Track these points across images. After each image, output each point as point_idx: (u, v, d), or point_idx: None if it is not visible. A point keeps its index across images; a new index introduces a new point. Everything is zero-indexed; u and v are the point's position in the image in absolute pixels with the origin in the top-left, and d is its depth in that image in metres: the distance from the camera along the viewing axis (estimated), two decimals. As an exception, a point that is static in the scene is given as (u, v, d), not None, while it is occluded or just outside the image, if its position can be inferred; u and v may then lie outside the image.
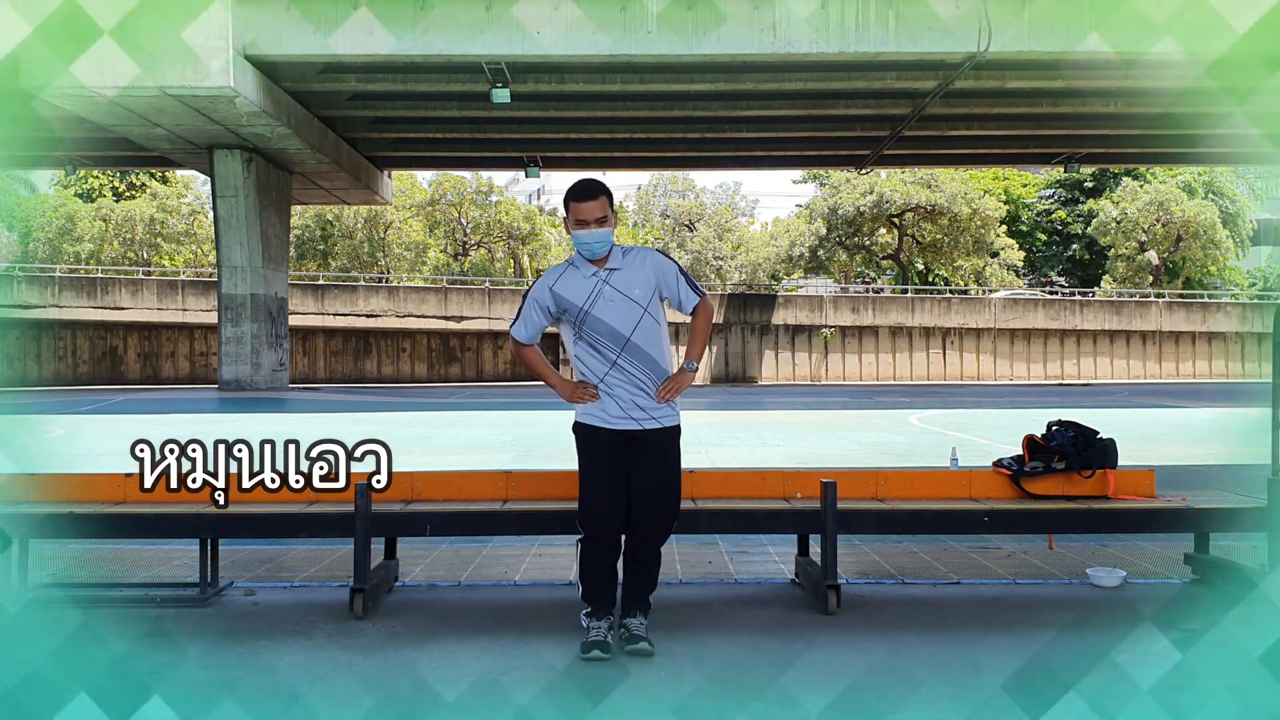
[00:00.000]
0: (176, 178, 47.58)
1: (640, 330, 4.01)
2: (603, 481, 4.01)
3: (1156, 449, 12.06)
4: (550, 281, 4.09)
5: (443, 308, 39.04)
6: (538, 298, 4.10)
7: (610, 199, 4.06)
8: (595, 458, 4.04)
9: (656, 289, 4.08)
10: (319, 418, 18.42)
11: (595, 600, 4.04)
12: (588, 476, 4.06)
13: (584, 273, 4.05)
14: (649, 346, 4.04)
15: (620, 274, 4.04)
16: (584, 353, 4.06)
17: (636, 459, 4.03)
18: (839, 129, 29.13)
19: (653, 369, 4.04)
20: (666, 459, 4.08)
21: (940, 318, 41.14)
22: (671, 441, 4.10)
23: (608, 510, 4.01)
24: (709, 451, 11.86)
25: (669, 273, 4.12)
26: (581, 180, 4.08)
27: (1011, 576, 5.26)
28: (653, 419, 4.04)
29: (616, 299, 4.00)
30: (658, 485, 4.04)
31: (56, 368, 37.07)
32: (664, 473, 4.06)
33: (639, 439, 4.03)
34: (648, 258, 4.12)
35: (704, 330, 4.23)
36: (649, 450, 4.03)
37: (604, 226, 3.99)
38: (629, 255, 4.09)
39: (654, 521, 4.05)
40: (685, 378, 4.10)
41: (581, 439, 4.09)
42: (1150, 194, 45.70)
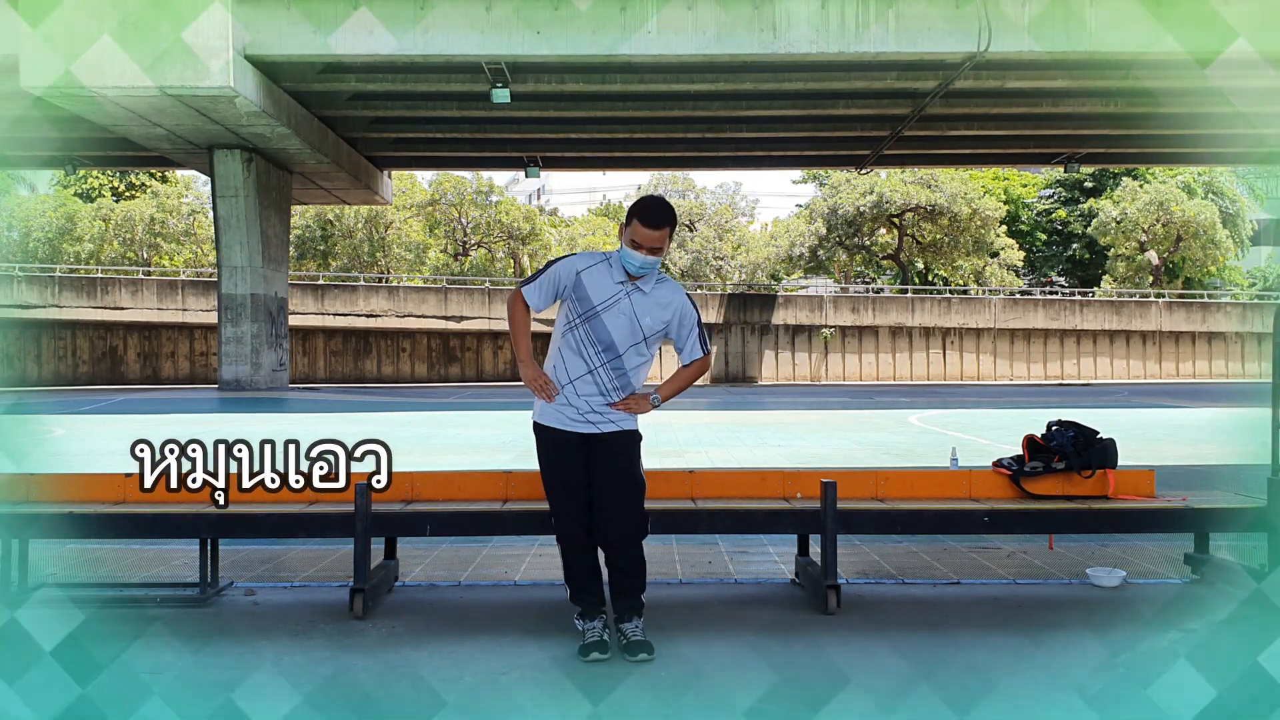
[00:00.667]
0: (176, 178, 47.58)
1: (631, 352, 4.04)
2: (563, 482, 4.04)
3: (1156, 449, 12.06)
4: (581, 266, 4.06)
5: (443, 308, 39.05)
6: (563, 273, 4.06)
7: (673, 230, 4.03)
8: (554, 459, 4.06)
9: (666, 328, 4.10)
10: (319, 418, 18.42)
11: (582, 600, 4.07)
12: (549, 477, 4.08)
13: (614, 276, 4.03)
14: (631, 368, 4.06)
15: (644, 298, 4.03)
16: (569, 347, 4.06)
17: (596, 462, 4.03)
18: (839, 129, 29.14)
19: (624, 387, 4.06)
20: (626, 460, 4.07)
21: (940, 318, 41.15)
22: (631, 444, 4.10)
23: (572, 510, 4.03)
24: (709, 451, 11.85)
25: (688, 321, 4.13)
26: (654, 201, 4.01)
27: (1011, 576, 5.26)
28: (610, 422, 4.05)
29: (628, 317, 4.00)
30: (618, 487, 4.03)
31: (56, 368, 37.07)
32: (623, 474, 4.05)
33: (597, 441, 4.04)
34: (675, 297, 4.11)
35: (688, 381, 4.25)
36: (608, 452, 4.04)
37: (655, 256, 3.99)
38: (661, 285, 4.09)
39: (619, 524, 4.02)
40: (644, 404, 4.09)
41: (541, 439, 4.11)
42: (1150, 194, 45.71)
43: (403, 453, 4.85)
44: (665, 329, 4.10)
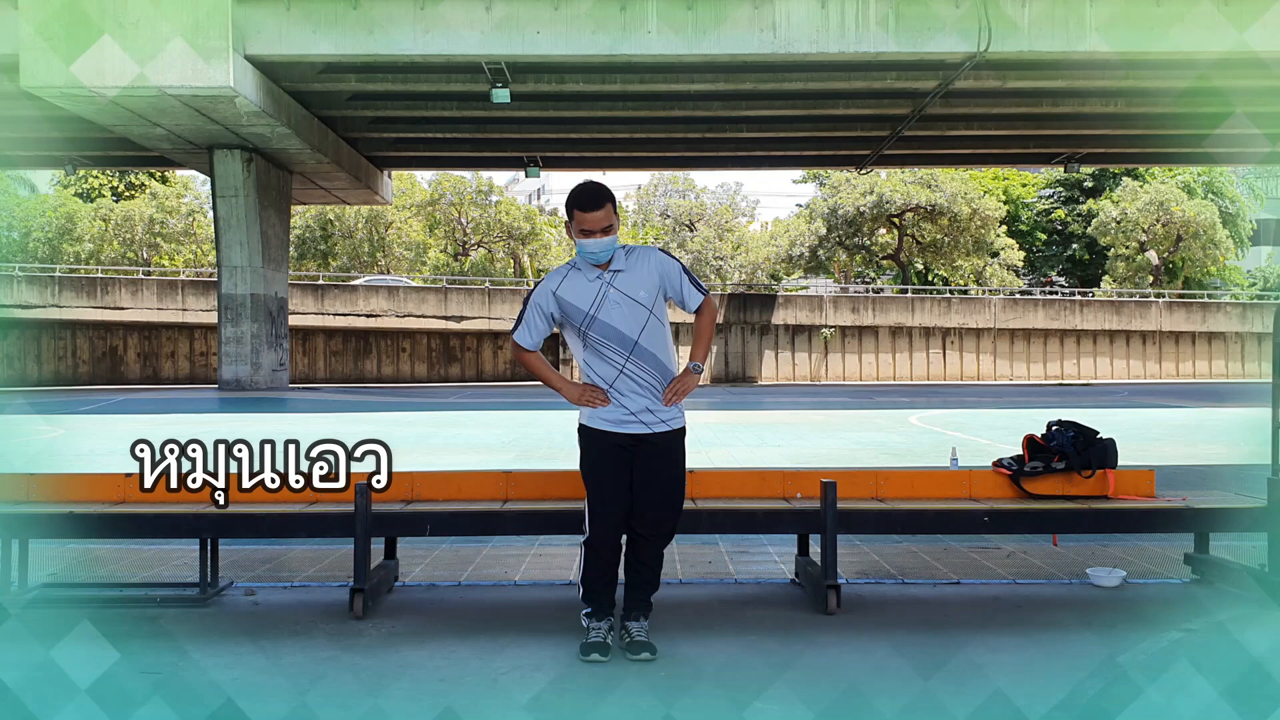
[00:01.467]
0: (176, 178, 47.58)
1: (647, 332, 3.98)
2: (609, 486, 3.98)
3: (1156, 449, 12.06)
4: (553, 286, 4.02)
5: (443, 308, 39.04)
6: (540, 302, 4.03)
7: (614, 204, 3.99)
8: (601, 462, 4.00)
9: (660, 289, 4.03)
10: (319, 417, 18.42)
11: (596, 602, 4.03)
12: (594, 481, 4.01)
13: (587, 276, 3.99)
14: (655, 349, 4.01)
15: (624, 276, 3.99)
16: (592, 358, 4.01)
17: (642, 461, 4.00)
18: (839, 129, 29.14)
19: (660, 371, 4.02)
20: (673, 461, 4.06)
21: (940, 318, 41.14)
22: (678, 443, 4.08)
23: (615, 515, 3.98)
24: (709, 451, 11.86)
25: (673, 271, 4.07)
26: (585, 186, 3.98)
27: (1011, 576, 5.26)
28: (661, 422, 4.01)
29: (622, 302, 3.95)
30: (663, 487, 4.02)
31: (56, 368, 37.07)
32: (670, 474, 4.04)
33: (646, 441, 4.01)
34: (650, 256, 4.06)
35: (708, 330, 4.18)
36: (656, 453, 4.01)
37: (609, 235, 3.93)
38: (632, 255, 4.03)
39: (658, 523, 4.03)
40: (691, 379, 4.06)
41: (589, 442, 4.05)
42: (1150, 194, 45.70)
43: (403, 453, 4.86)
44: (660, 289, 4.04)
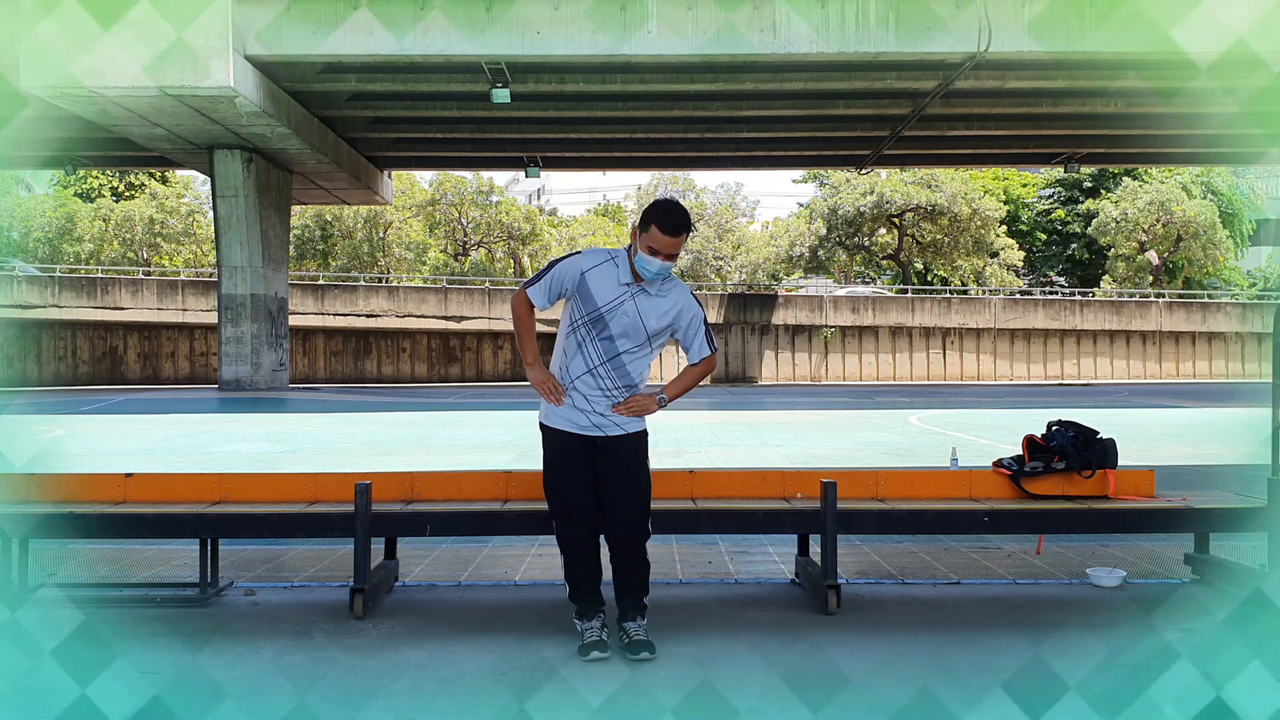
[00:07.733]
0: (176, 178, 47.58)
1: (634, 354, 4.03)
2: (564, 484, 4.04)
3: (1156, 449, 12.06)
4: (586, 266, 4.01)
5: (443, 308, 39.03)
6: (568, 273, 4.01)
7: (687, 236, 4.02)
8: (559, 460, 4.05)
9: (671, 327, 4.07)
10: (319, 418, 18.42)
11: (581, 599, 4.07)
12: (554, 477, 4.07)
13: (620, 278, 3.99)
14: (633, 368, 4.05)
15: (648, 299, 4.01)
16: (572, 346, 4.04)
17: (601, 466, 4.03)
18: (839, 129, 29.14)
19: (627, 386, 4.05)
20: (633, 462, 4.07)
21: (940, 318, 41.13)
22: (636, 447, 4.09)
23: (575, 507, 4.02)
24: (709, 451, 11.85)
25: (694, 321, 4.10)
26: (674, 208, 3.94)
27: (1011, 576, 5.26)
28: (617, 426, 4.04)
29: (633, 317, 3.98)
30: (624, 487, 4.03)
31: (56, 368, 37.06)
32: (631, 475, 4.05)
33: (604, 446, 4.04)
34: (680, 297, 4.08)
35: (695, 380, 4.25)
36: (615, 458, 4.03)
37: (671, 261, 3.95)
38: (666, 284, 4.05)
39: (625, 522, 4.03)
40: (650, 404, 4.08)
41: (548, 440, 4.10)
42: (1150, 194, 45.71)
43: (403, 453, 4.86)
44: (670, 330, 4.08)
